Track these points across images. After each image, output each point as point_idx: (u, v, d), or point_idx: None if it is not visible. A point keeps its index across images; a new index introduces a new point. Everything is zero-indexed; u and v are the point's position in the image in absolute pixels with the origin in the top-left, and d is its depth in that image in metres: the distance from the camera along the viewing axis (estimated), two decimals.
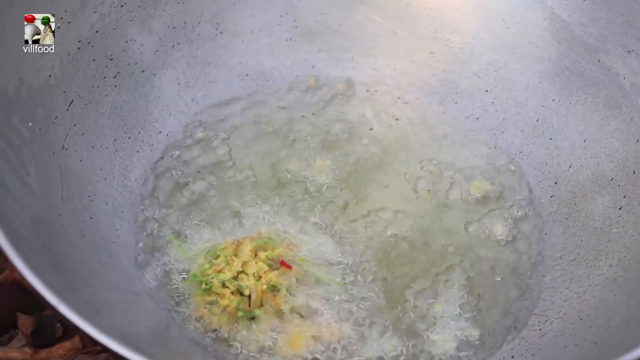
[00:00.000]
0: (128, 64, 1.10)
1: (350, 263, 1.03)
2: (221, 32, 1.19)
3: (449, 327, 0.99)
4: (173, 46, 1.15)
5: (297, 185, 1.11)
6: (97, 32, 1.04)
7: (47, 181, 0.92)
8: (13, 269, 0.76)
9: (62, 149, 0.97)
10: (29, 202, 0.86)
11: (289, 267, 0.99)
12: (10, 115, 0.88)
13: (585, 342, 0.90)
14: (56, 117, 0.97)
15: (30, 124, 0.91)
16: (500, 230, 1.09)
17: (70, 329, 0.98)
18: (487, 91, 1.20)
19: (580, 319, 0.94)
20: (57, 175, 0.94)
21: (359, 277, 1.02)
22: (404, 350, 0.97)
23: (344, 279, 1.01)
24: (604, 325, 0.90)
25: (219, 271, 0.96)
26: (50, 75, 0.96)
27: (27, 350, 0.95)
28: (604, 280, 0.97)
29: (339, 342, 0.96)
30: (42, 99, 0.95)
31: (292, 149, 1.15)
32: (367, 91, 1.22)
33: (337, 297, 0.99)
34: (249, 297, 0.95)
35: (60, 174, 0.95)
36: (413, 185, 1.12)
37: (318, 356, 0.94)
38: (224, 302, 0.95)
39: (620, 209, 1.02)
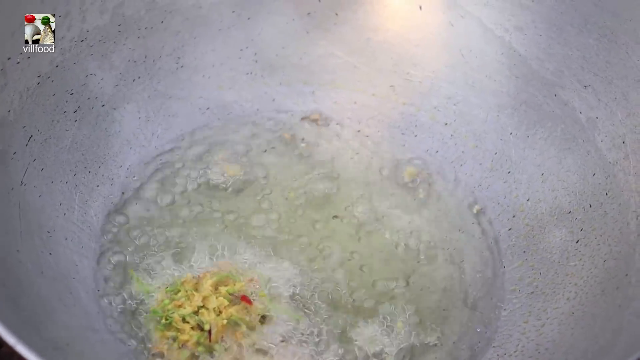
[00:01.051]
0: (88, 98, 1.10)
1: (308, 297, 1.03)
2: (182, 66, 1.19)
3: None
4: (134, 80, 1.15)
5: (256, 220, 1.11)
6: (57, 66, 1.04)
7: (6, 217, 0.91)
8: None
9: (21, 185, 0.96)
10: None
11: (250, 302, 0.98)
12: None
13: None
14: (15, 153, 0.96)
15: None
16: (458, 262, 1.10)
17: None
18: (446, 124, 1.21)
19: (539, 352, 0.95)
20: (16, 211, 0.93)
21: (318, 312, 1.02)
22: None
23: (303, 313, 1.01)
24: (561, 359, 0.91)
25: (179, 306, 0.96)
26: (9, 111, 0.96)
27: None
28: (562, 314, 0.98)
29: None
30: (1, 135, 0.94)
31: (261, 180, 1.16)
32: (328, 124, 1.23)
33: (297, 333, 0.99)
34: (210, 332, 0.94)
35: (19, 210, 0.94)
36: (369, 220, 1.13)
37: None
38: (184, 337, 0.94)
39: (577, 242, 1.03)
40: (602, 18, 1.04)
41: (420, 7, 1.20)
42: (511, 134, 1.15)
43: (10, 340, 0.71)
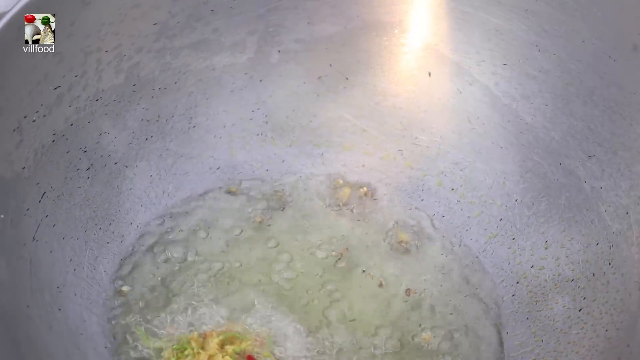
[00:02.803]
0: (101, 156, 1.11)
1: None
2: (194, 126, 1.21)
3: None
4: (146, 139, 1.17)
5: (263, 279, 1.12)
6: (71, 125, 1.05)
7: (17, 273, 0.92)
8: None
9: (33, 240, 0.97)
10: None
11: None
12: None
13: None
14: (28, 209, 0.97)
15: (2, 215, 0.92)
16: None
17: None
18: (452, 189, 1.22)
19: None
20: (27, 266, 0.94)
21: None
22: None
23: None
24: None
25: None
26: (23, 167, 0.97)
27: None
28: None
29: None
30: (15, 191, 0.95)
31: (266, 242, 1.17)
32: (335, 188, 1.24)
33: None
34: None
35: (30, 266, 0.95)
36: (377, 283, 1.14)
37: None
38: None
39: (580, 310, 1.04)
40: (607, 90, 1.06)
41: (429, 74, 1.21)
42: (516, 200, 1.17)
43: None
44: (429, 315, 1.11)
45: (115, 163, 1.13)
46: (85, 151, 1.09)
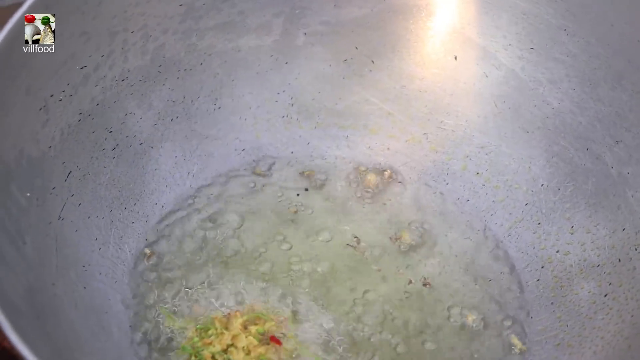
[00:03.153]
0: (127, 136, 1.11)
1: (339, 342, 1.03)
2: (219, 107, 1.21)
3: None
4: (172, 120, 1.17)
5: (291, 261, 1.12)
6: (97, 105, 1.06)
7: (43, 251, 0.92)
8: (4, 337, 0.77)
9: (59, 219, 0.98)
10: (24, 271, 0.86)
11: (279, 342, 0.99)
12: (9, 185, 0.89)
13: None
14: (54, 188, 0.98)
15: (28, 194, 0.92)
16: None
17: None
18: (478, 173, 1.22)
19: None
20: (53, 244, 0.95)
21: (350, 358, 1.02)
22: None
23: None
24: None
25: (209, 344, 0.97)
26: (50, 147, 0.98)
27: None
28: None
29: None
30: (41, 170, 0.96)
31: (290, 226, 1.17)
32: (362, 170, 1.24)
33: None
34: None
35: (56, 244, 0.96)
36: (401, 268, 1.14)
37: None
38: None
39: (605, 296, 1.03)
40: (635, 75, 1.05)
41: (456, 57, 1.21)
42: (542, 185, 1.16)
43: None
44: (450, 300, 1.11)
45: (141, 143, 1.14)
46: (111, 131, 1.09)
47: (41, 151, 0.96)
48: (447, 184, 1.23)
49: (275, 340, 0.99)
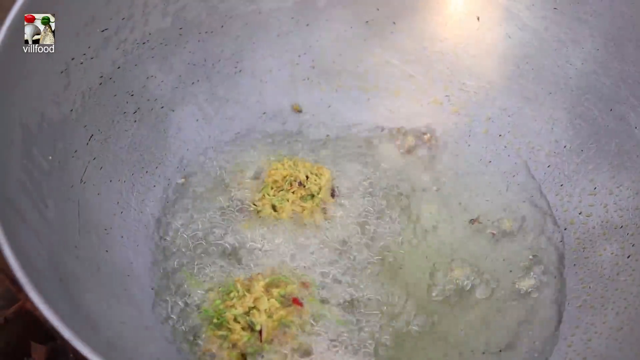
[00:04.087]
0: (148, 99, 1.12)
1: (361, 306, 1.04)
2: (240, 71, 1.21)
3: None
4: (192, 83, 1.17)
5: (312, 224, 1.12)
6: (119, 68, 1.06)
7: (65, 214, 0.93)
8: (27, 299, 0.77)
9: (81, 182, 0.98)
10: (47, 234, 0.87)
11: (301, 304, 1.00)
12: (31, 148, 0.90)
13: None
14: (76, 151, 0.98)
15: (50, 157, 0.93)
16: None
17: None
18: (500, 135, 1.21)
19: None
20: (75, 208, 0.96)
21: (370, 322, 1.03)
22: None
23: (354, 321, 1.02)
24: None
25: (231, 306, 0.97)
26: (71, 110, 0.98)
27: None
28: (609, 329, 0.97)
29: None
30: (63, 133, 0.96)
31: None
32: (382, 131, 1.24)
33: (346, 339, 1.00)
34: (260, 332, 0.96)
35: (78, 207, 0.96)
36: (426, 227, 1.14)
37: None
38: (235, 337, 0.96)
39: (628, 257, 1.03)
40: None
41: (478, 18, 1.20)
42: (565, 147, 1.15)
43: (66, 334, 0.73)
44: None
45: (162, 107, 1.14)
46: (132, 94, 1.09)
47: (63, 114, 0.97)
48: (469, 145, 1.22)
49: (297, 302, 0.99)
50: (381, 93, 1.26)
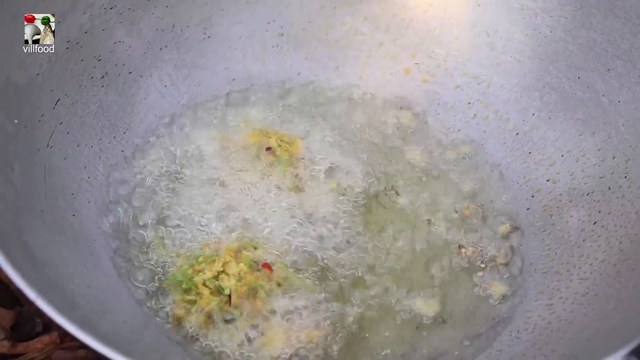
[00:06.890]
0: (116, 65, 1.11)
1: (331, 270, 1.04)
2: (209, 37, 1.20)
3: None
4: (161, 49, 1.17)
5: (284, 181, 1.12)
6: (86, 32, 1.05)
7: (31, 178, 0.92)
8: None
9: (47, 147, 0.98)
10: (12, 198, 0.87)
11: (271, 269, 1.00)
12: None
13: (553, 353, 0.91)
14: (42, 115, 0.98)
15: (16, 121, 0.92)
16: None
17: (50, 325, 0.99)
18: (469, 103, 1.21)
19: (550, 331, 0.95)
20: (41, 172, 0.95)
21: (341, 286, 1.03)
22: None
23: (321, 287, 1.02)
24: (573, 338, 0.92)
25: (200, 271, 0.97)
26: (38, 74, 0.97)
27: (5, 343, 0.96)
28: (575, 294, 0.98)
29: (315, 345, 0.97)
30: (29, 97, 0.96)
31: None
32: (351, 99, 1.24)
33: (315, 303, 1.00)
34: (229, 297, 0.96)
35: (44, 172, 0.96)
36: (394, 196, 1.14)
37: (294, 358, 0.96)
38: (204, 301, 0.96)
39: (594, 223, 1.04)
40: (628, 2, 1.04)
41: None
42: (533, 115, 1.16)
43: (31, 295, 0.73)
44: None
45: (130, 72, 1.13)
46: (100, 59, 1.08)
47: (29, 78, 0.96)
48: (438, 114, 1.22)
49: (267, 266, 0.99)
50: (350, 61, 1.26)
